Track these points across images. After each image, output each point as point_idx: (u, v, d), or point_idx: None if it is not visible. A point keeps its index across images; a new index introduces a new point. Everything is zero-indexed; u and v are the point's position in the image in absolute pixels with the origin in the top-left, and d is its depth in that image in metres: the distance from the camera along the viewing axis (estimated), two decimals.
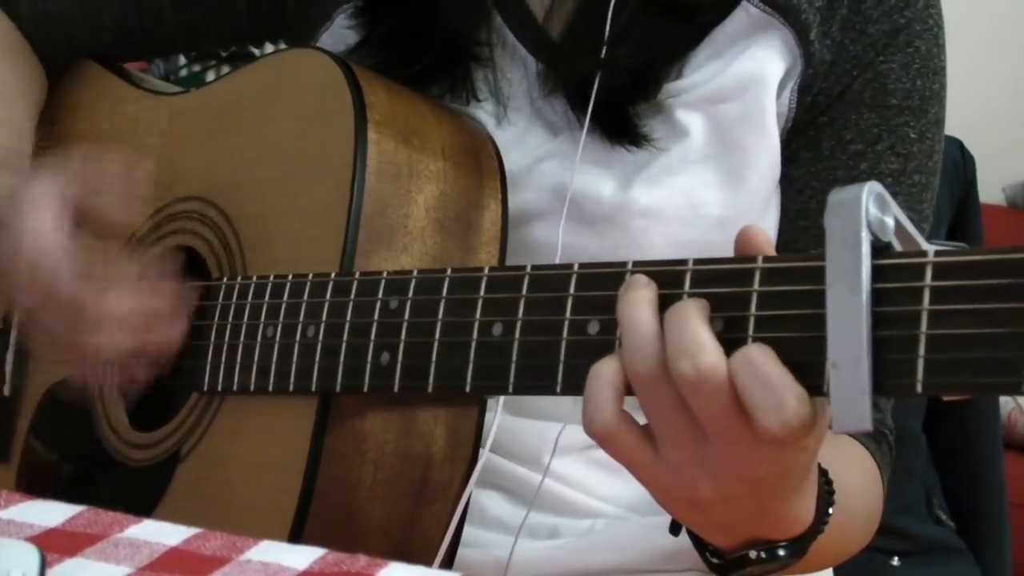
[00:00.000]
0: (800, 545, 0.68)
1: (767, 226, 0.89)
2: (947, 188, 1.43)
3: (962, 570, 1.42)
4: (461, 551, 0.84)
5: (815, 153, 0.89)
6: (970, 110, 1.66)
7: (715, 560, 0.70)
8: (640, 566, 0.85)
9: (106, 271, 0.84)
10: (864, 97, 0.88)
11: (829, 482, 0.70)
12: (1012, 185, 3.26)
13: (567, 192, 0.85)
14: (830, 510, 0.69)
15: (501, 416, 0.81)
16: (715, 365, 0.58)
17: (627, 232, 0.85)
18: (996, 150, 2.17)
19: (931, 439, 1.43)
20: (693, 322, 0.59)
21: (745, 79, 0.86)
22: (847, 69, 0.87)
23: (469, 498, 0.81)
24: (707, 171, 0.86)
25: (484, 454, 0.81)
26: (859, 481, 0.83)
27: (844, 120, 0.88)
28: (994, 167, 1.97)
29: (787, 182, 0.89)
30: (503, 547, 0.86)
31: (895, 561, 1.43)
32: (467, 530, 0.86)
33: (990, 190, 2.88)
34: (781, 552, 0.67)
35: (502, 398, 0.82)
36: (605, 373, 0.61)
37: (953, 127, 0.95)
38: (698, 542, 0.71)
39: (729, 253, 0.63)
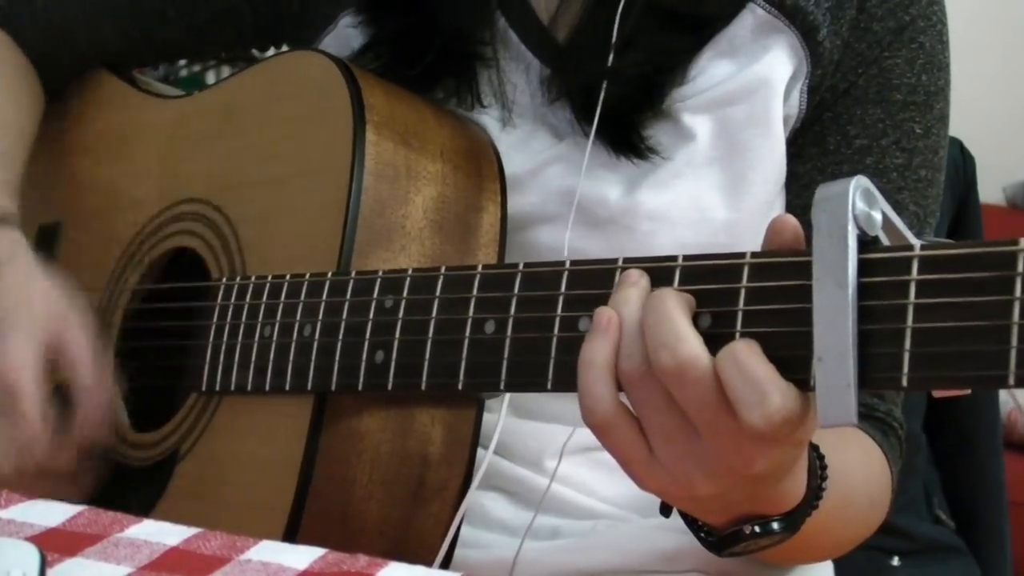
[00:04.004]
0: (793, 519, 0.68)
1: None
2: (947, 188, 1.43)
3: (962, 570, 1.42)
4: (463, 551, 0.85)
5: (820, 149, 0.89)
6: (970, 110, 1.66)
7: (708, 537, 0.70)
8: (641, 567, 0.85)
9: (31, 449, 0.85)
10: (869, 93, 0.88)
11: (820, 456, 0.70)
12: (1012, 185, 3.25)
13: (573, 196, 0.85)
14: (824, 484, 0.69)
15: (505, 418, 0.82)
16: (696, 355, 0.58)
17: (633, 236, 0.85)
18: (996, 150, 2.17)
19: (931, 439, 1.43)
20: (671, 313, 0.59)
21: (752, 82, 0.86)
22: (852, 66, 0.88)
23: (467, 499, 0.81)
24: (713, 174, 0.86)
25: (488, 455, 0.81)
26: (861, 465, 0.83)
27: (849, 115, 0.88)
28: (994, 167, 1.96)
29: (794, 178, 0.89)
30: (504, 548, 0.86)
31: (895, 561, 1.43)
32: (468, 531, 0.86)
33: (990, 190, 2.87)
34: (775, 526, 0.67)
35: (506, 399, 0.82)
36: (599, 360, 0.61)
37: (953, 127, 0.95)
38: (689, 519, 0.71)
39: None
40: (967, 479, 1.45)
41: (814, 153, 0.89)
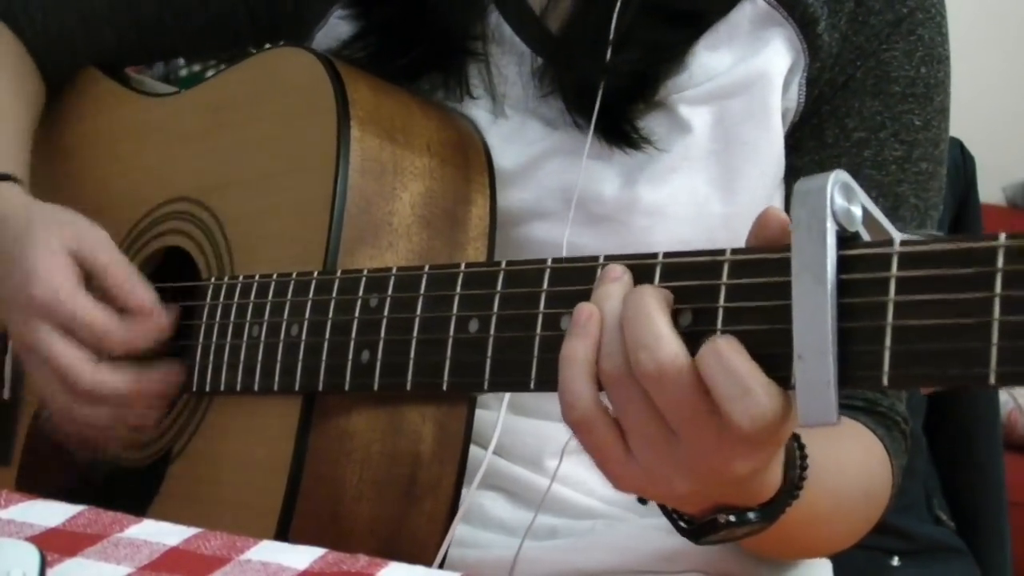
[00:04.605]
0: (770, 510, 0.67)
1: None
2: (947, 188, 1.43)
3: (962, 570, 1.41)
4: (461, 551, 0.85)
5: (819, 142, 0.89)
6: (970, 110, 1.65)
7: (684, 524, 0.69)
8: (640, 567, 0.85)
9: (106, 344, 0.85)
10: (867, 85, 0.88)
11: (801, 446, 0.69)
12: (1012, 185, 3.25)
13: (571, 193, 0.85)
14: (804, 474, 0.68)
15: (504, 416, 0.82)
16: (675, 356, 0.58)
17: (630, 231, 0.85)
18: (996, 150, 2.16)
19: (931, 439, 1.42)
20: (651, 311, 0.59)
21: (750, 75, 0.86)
22: (851, 59, 0.88)
23: (463, 497, 0.81)
24: (710, 167, 0.86)
25: (488, 455, 0.81)
26: (858, 460, 0.83)
27: (847, 108, 0.88)
28: (994, 167, 1.96)
29: (792, 172, 0.89)
30: (503, 548, 0.86)
31: (895, 561, 1.42)
32: (467, 530, 0.86)
33: (990, 190, 2.86)
34: (751, 516, 0.66)
35: (505, 398, 0.82)
36: (579, 356, 0.61)
37: (953, 127, 0.94)
38: (666, 509, 0.70)
39: None
40: (967, 479, 1.44)
41: (812, 146, 0.89)
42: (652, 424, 0.60)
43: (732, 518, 0.66)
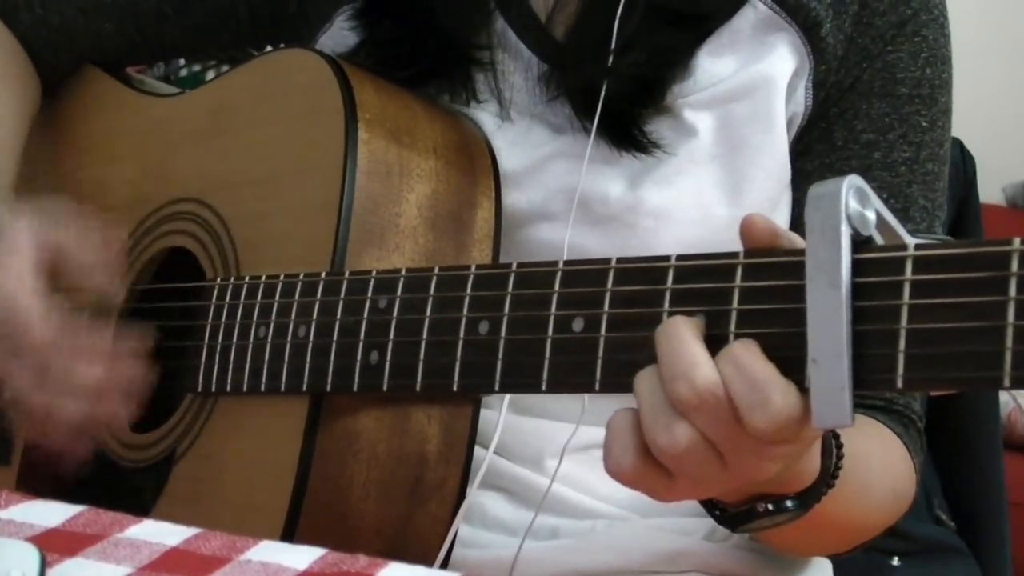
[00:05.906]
0: (806, 498, 0.67)
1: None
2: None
3: (962, 570, 1.41)
4: (462, 551, 0.85)
5: (828, 145, 0.89)
6: (971, 111, 1.66)
7: (719, 512, 0.70)
8: (641, 567, 0.85)
9: (77, 338, 0.83)
10: (874, 87, 0.88)
11: (835, 435, 0.69)
12: (1012, 185, 3.25)
13: (575, 194, 0.85)
14: (840, 463, 0.69)
15: (505, 415, 0.82)
16: (714, 381, 0.58)
17: (635, 233, 0.85)
18: (996, 150, 2.17)
19: (931, 439, 1.42)
20: (685, 339, 0.58)
21: (754, 79, 0.86)
22: (857, 61, 0.88)
23: (466, 498, 0.81)
24: (715, 171, 0.86)
25: (489, 455, 0.81)
26: (881, 455, 0.83)
27: (855, 110, 0.89)
28: (994, 167, 1.97)
29: (802, 176, 0.90)
30: (504, 548, 0.86)
31: (895, 561, 1.43)
32: (468, 531, 0.86)
33: (990, 190, 2.87)
34: (788, 504, 0.67)
35: (507, 397, 0.82)
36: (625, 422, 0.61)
37: (953, 128, 0.95)
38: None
39: None
40: (967, 479, 1.45)
41: (821, 149, 0.89)
42: (702, 456, 0.60)
43: (770, 506, 0.67)
